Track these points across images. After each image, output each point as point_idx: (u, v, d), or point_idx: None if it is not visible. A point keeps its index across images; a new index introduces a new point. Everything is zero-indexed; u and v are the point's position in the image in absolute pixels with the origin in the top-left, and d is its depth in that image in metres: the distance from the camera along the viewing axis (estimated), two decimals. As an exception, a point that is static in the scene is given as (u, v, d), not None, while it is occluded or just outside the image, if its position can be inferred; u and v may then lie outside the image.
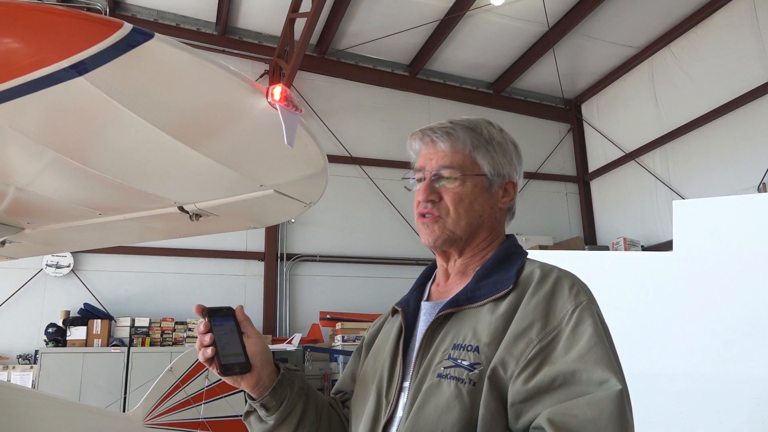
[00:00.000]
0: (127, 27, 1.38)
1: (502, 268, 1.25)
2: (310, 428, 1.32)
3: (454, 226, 1.29)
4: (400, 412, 1.18)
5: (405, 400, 1.19)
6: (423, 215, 1.31)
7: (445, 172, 1.30)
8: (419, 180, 1.34)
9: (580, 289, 1.17)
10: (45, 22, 1.38)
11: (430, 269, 1.44)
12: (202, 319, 1.24)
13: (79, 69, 1.42)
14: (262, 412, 1.29)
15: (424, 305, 1.33)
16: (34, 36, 1.40)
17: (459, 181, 1.29)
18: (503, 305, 1.17)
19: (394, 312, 1.39)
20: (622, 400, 1.01)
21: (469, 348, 1.15)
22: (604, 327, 1.13)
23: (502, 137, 1.36)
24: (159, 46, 1.45)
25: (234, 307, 1.29)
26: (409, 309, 1.33)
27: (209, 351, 1.22)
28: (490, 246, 1.33)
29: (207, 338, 1.22)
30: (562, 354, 1.07)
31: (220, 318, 1.26)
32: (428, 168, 1.32)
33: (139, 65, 1.48)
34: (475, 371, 1.11)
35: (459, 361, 1.14)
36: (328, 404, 1.40)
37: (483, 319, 1.17)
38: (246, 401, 1.34)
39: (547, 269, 1.23)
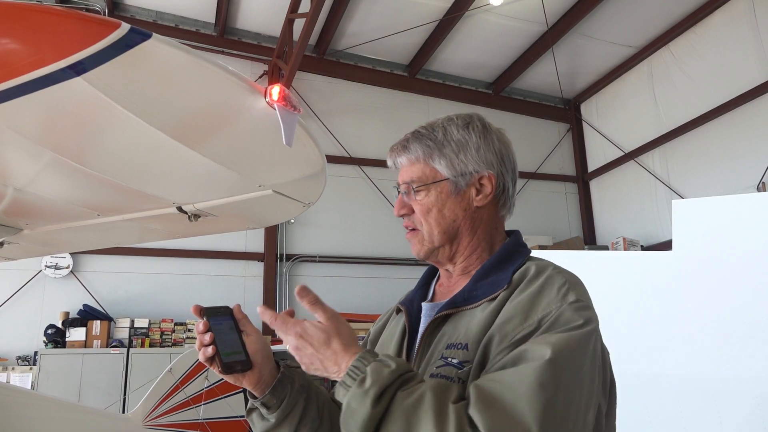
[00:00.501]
0: (125, 27, 1.37)
1: (501, 268, 1.24)
2: (312, 425, 1.31)
3: (429, 237, 1.30)
4: None
5: None
6: (407, 228, 1.34)
7: (408, 187, 1.31)
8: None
9: (570, 289, 1.13)
10: (42, 22, 1.38)
11: (435, 267, 1.42)
12: (200, 320, 1.23)
13: (77, 69, 1.42)
14: (263, 410, 1.29)
15: (425, 306, 1.33)
16: (31, 36, 1.40)
17: (423, 192, 1.29)
18: (495, 302, 1.17)
19: (398, 311, 1.39)
20: (549, 369, 0.98)
21: (459, 346, 1.15)
22: (583, 328, 1.07)
23: (466, 133, 1.30)
24: (157, 46, 1.44)
25: (231, 306, 1.29)
26: (412, 309, 1.33)
27: (209, 350, 1.21)
28: (486, 244, 1.31)
29: (207, 337, 1.22)
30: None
31: (218, 317, 1.25)
32: (400, 182, 1.34)
33: (137, 65, 1.48)
34: (464, 369, 1.11)
35: (449, 359, 1.14)
36: (330, 401, 1.39)
37: (475, 318, 1.17)
38: (246, 400, 1.34)
39: (542, 266, 1.21)
